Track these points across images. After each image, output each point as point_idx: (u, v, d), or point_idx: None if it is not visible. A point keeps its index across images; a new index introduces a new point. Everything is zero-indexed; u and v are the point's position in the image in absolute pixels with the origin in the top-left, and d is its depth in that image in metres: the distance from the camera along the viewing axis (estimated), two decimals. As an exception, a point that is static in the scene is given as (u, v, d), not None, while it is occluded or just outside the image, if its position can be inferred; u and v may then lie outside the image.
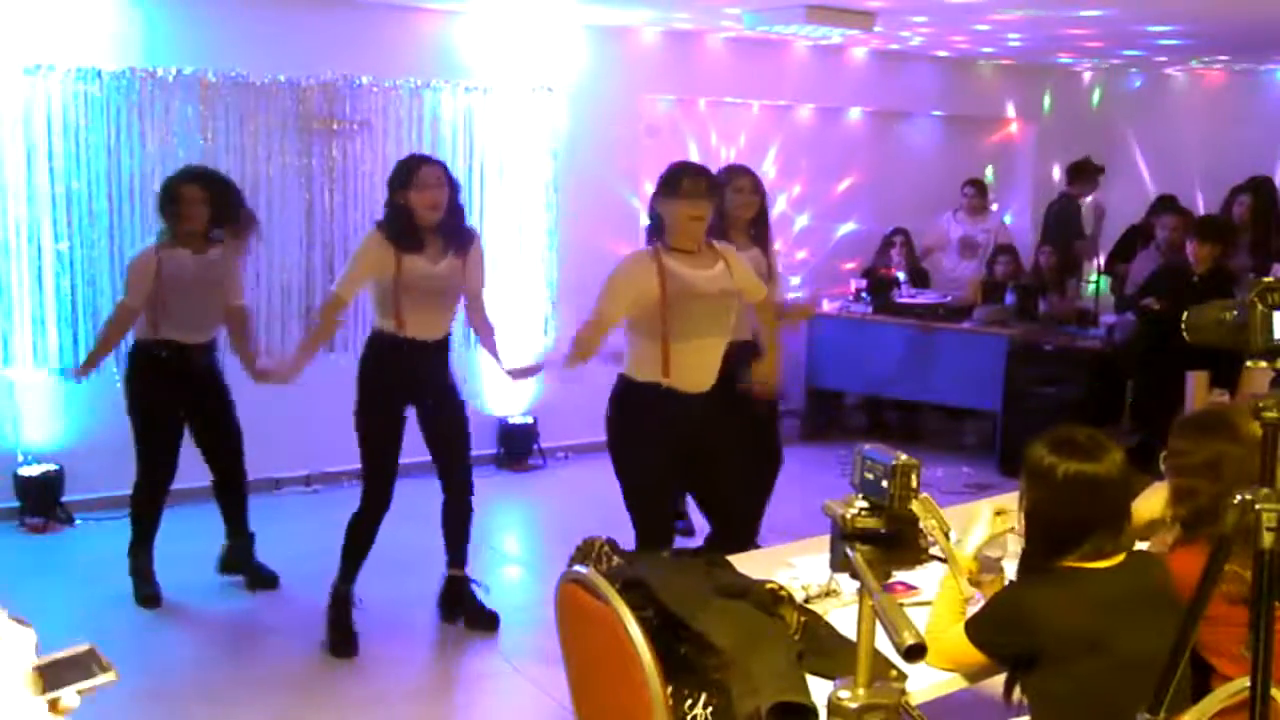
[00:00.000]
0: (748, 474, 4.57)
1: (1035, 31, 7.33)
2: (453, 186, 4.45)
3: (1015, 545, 2.91)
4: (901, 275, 8.09)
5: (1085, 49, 8.24)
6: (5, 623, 1.16)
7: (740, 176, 4.95)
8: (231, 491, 5.14)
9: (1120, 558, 2.49)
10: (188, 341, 4.85)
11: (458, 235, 4.47)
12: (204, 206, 4.81)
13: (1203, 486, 2.65)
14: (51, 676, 1.13)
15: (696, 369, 3.93)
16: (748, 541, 4.14)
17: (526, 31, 7.00)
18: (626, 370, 3.98)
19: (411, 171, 4.35)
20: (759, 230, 4.97)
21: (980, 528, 2.82)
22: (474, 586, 4.80)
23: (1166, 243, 6.91)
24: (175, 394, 4.89)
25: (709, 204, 3.96)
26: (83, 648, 1.18)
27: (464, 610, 4.76)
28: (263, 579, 5.15)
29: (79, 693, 1.14)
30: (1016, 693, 2.56)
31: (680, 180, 3.90)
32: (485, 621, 4.74)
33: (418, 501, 4.75)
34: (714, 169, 4.45)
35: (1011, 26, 7.07)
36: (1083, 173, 8.52)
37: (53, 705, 1.13)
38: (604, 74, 7.32)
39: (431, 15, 6.69)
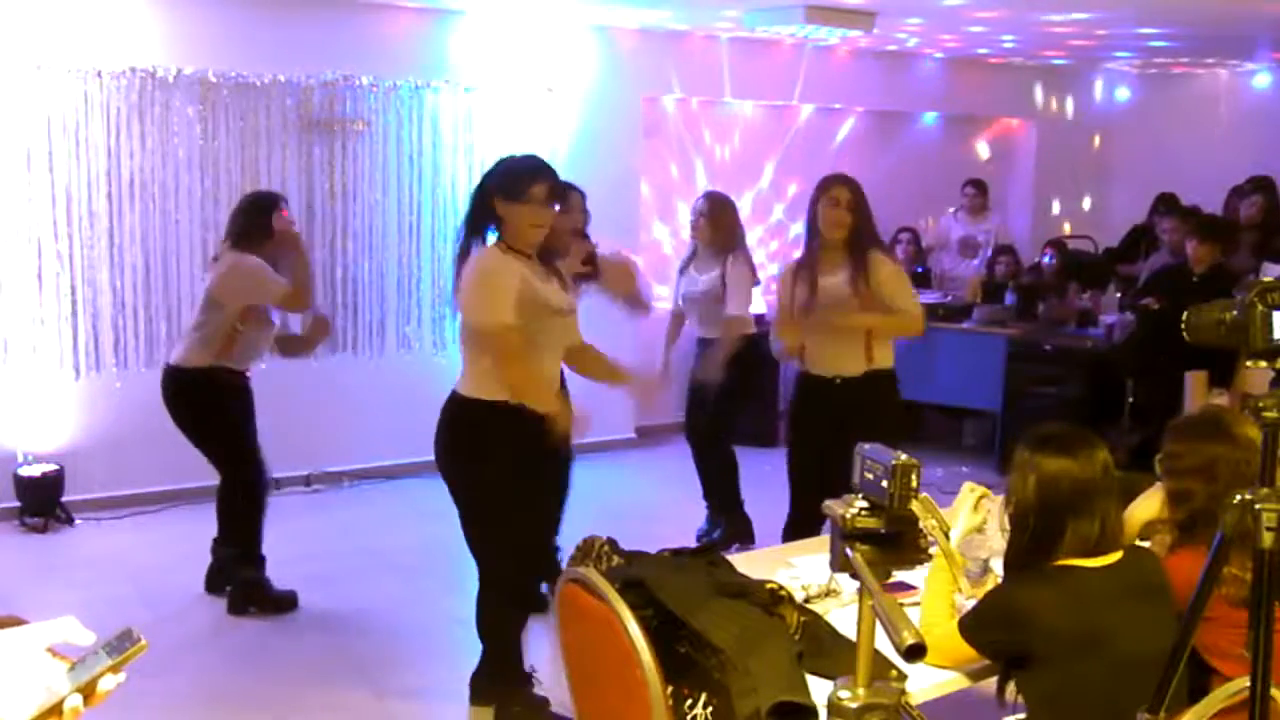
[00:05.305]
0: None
1: (1026, 32, 7.33)
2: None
3: (999, 542, 2.91)
4: (919, 269, 8.11)
5: (1078, 49, 8.24)
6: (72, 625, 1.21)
7: (837, 186, 4.29)
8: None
9: (1116, 556, 2.49)
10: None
11: None
12: None
13: (1198, 489, 2.65)
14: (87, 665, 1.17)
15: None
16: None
17: (527, 32, 7.00)
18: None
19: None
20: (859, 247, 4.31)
21: (961, 517, 2.86)
22: None
23: (1169, 244, 6.90)
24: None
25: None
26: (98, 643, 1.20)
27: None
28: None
29: (114, 670, 1.17)
30: (1011, 691, 2.56)
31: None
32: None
33: (420, 502, 4.75)
34: (720, 172, 4.36)
35: (1004, 27, 7.07)
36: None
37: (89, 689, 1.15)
38: (604, 74, 7.32)
39: (432, 15, 6.69)
